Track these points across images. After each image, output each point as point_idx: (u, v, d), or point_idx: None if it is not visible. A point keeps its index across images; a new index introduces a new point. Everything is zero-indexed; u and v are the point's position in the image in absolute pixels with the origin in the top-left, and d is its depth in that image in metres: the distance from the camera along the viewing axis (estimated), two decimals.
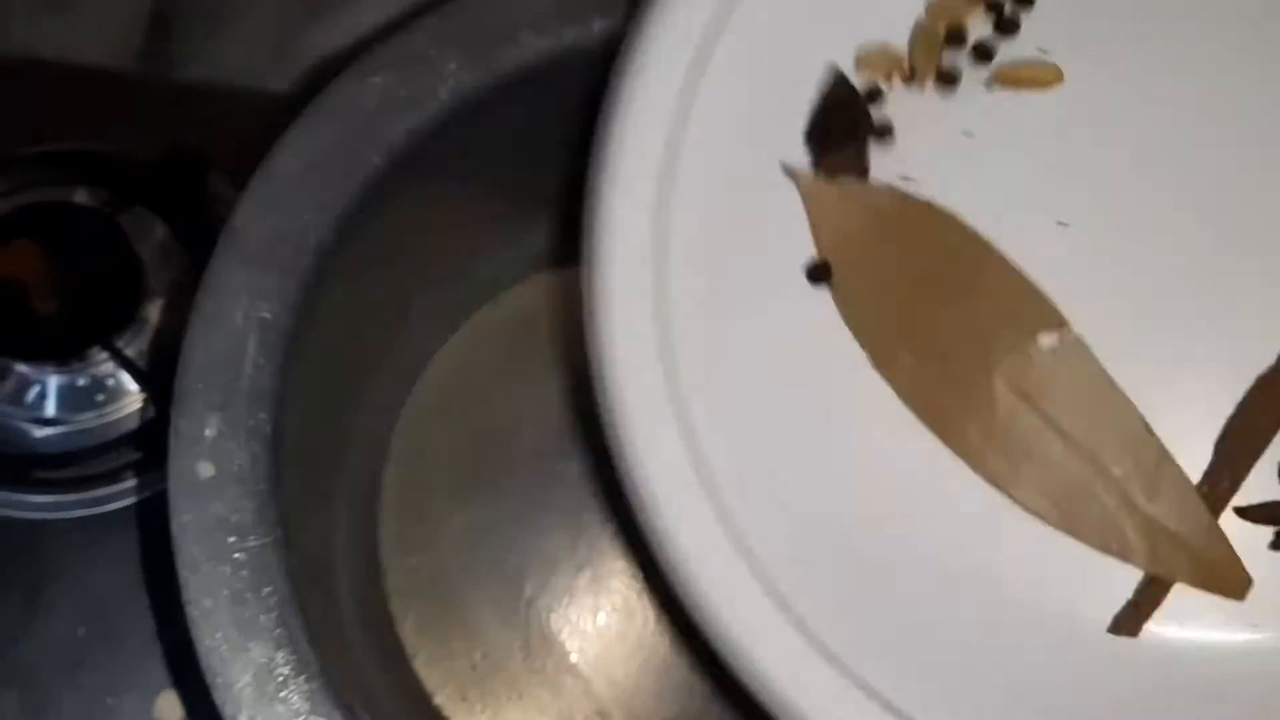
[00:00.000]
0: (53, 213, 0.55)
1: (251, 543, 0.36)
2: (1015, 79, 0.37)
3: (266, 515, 0.36)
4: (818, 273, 0.36)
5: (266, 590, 0.36)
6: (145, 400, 0.54)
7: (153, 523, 0.52)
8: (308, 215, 0.39)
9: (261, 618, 0.35)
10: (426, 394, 0.52)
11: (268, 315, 0.38)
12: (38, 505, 0.52)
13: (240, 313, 0.38)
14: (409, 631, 0.50)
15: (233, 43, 0.62)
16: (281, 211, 0.39)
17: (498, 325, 0.53)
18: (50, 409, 0.54)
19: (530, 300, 0.53)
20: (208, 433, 0.36)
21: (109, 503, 0.53)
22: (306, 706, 0.35)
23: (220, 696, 0.34)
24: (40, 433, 0.54)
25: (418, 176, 0.41)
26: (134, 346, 0.54)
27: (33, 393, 0.53)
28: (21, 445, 0.53)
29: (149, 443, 0.53)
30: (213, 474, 0.36)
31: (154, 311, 0.55)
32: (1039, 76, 0.37)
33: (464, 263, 0.50)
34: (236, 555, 0.36)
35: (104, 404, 0.54)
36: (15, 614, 0.51)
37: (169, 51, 0.62)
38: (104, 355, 0.53)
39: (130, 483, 0.53)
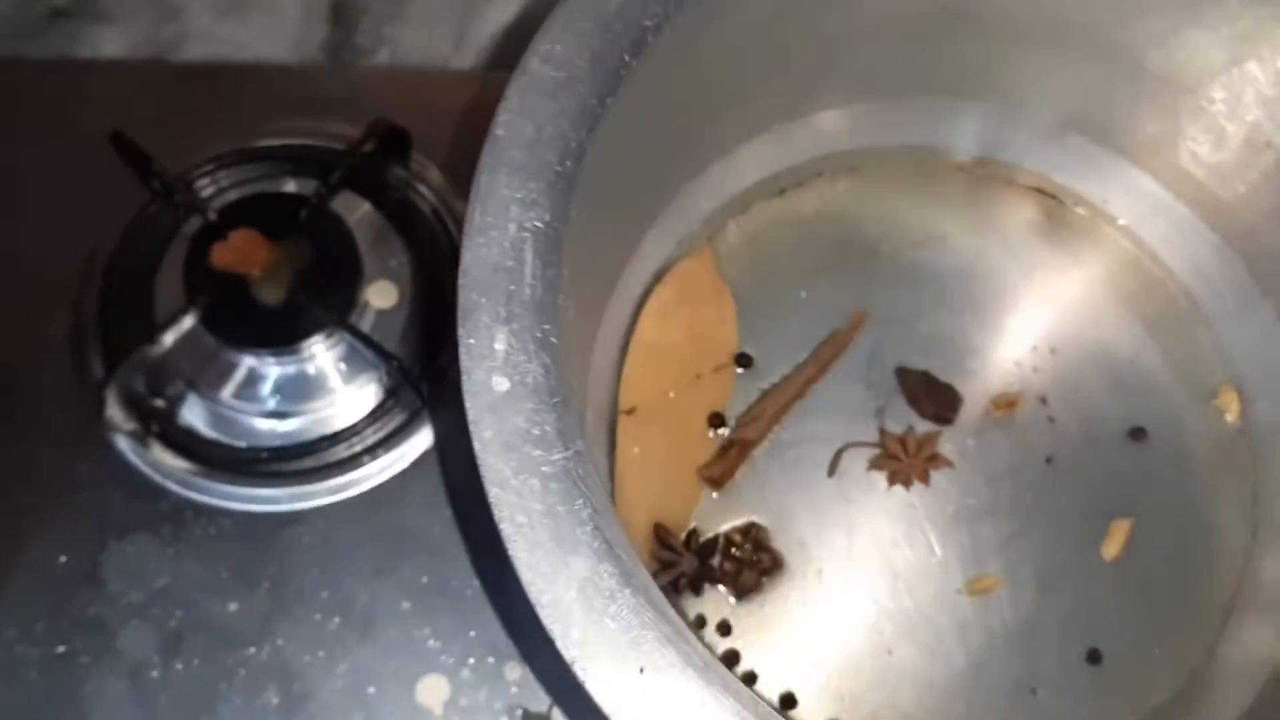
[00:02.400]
0: (269, 203, 0.54)
1: (556, 456, 0.33)
2: None
3: (567, 427, 0.34)
4: None
5: (579, 503, 0.33)
6: (380, 380, 0.52)
7: (408, 495, 0.51)
8: (567, 119, 0.37)
9: (578, 531, 0.33)
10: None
11: (540, 224, 0.36)
12: (277, 498, 0.51)
13: (513, 224, 0.36)
14: None
15: (413, 27, 0.62)
16: (542, 117, 0.37)
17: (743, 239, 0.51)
18: (281, 401, 0.52)
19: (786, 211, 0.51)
20: (498, 346, 0.34)
21: (348, 489, 0.52)
22: (637, 621, 0.32)
23: (547, 615, 0.32)
24: (273, 426, 0.53)
25: (669, 71, 0.39)
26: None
27: (263, 386, 0.52)
28: (255, 439, 0.52)
29: (396, 416, 0.52)
30: (508, 388, 0.34)
31: (373, 294, 0.54)
32: None
33: (712, 169, 0.48)
34: (544, 469, 0.33)
35: (332, 391, 0.53)
36: (266, 608, 0.50)
37: (353, 42, 0.61)
38: (329, 343, 0.52)
39: (368, 468, 0.52)
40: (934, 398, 0.49)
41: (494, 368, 0.34)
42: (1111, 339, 0.51)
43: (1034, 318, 0.51)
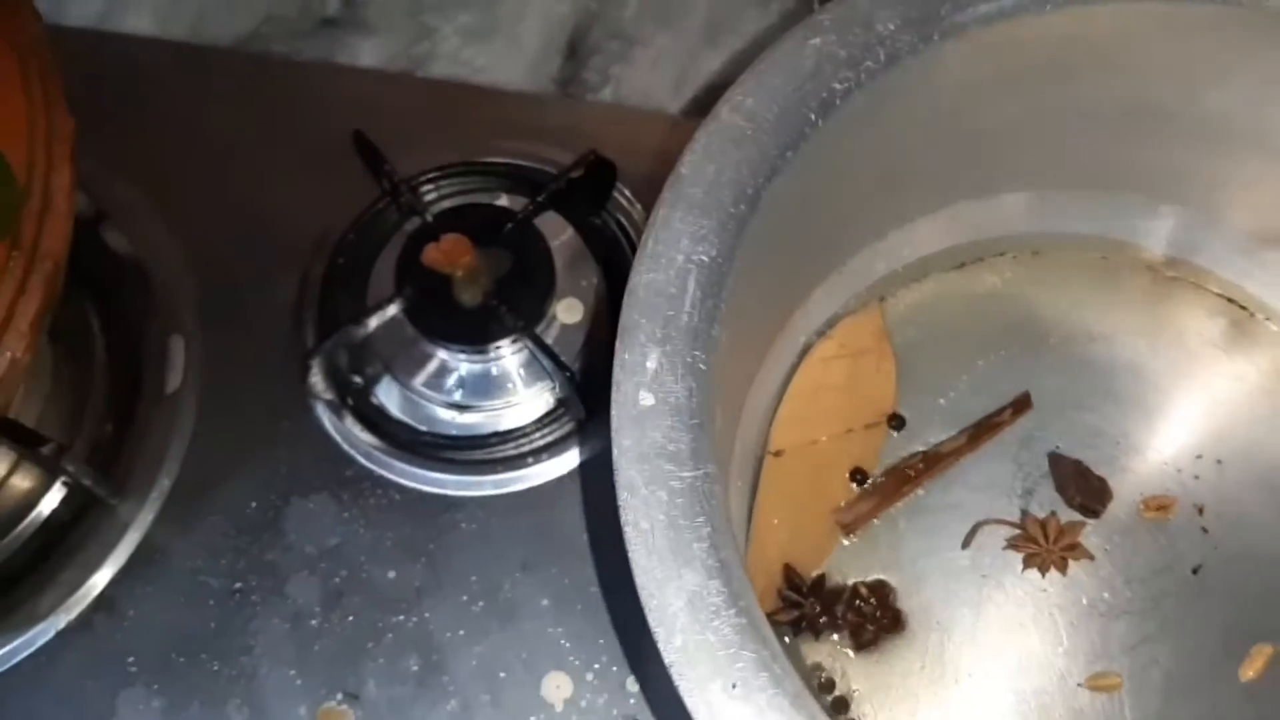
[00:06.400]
0: (480, 214, 0.59)
1: (686, 473, 0.36)
2: None
3: (700, 449, 0.36)
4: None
5: (699, 520, 0.35)
6: (554, 389, 0.56)
7: (562, 500, 0.54)
8: (746, 166, 0.40)
9: (695, 545, 0.35)
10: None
11: (705, 258, 0.38)
12: (446, 483, 0.55)
13: (682, 255, 0.38)
14: None
15: (638, 69, 0.66)
16: (723, 162, 0.40)
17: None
18: (463, 395, 0.57)
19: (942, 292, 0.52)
20: (649, 364, 0.37)
21: (510, 485, 0.55)
22: (737, 640, 0.34)
23: (654, 619, 0.34)
24: (453, 416, 0.57)
25: (853, 137, 0.41)
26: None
27: (450, 379, 0.57)
28: (436, 426, 0.57)
29: (564, 424, 0.56)
30: (652, 403, 0.36)
31: (561, 310, 0.58)
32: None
33: (890, 235, 0.49)
34: (673, 483, 0.36)
35: (510, 393, 0.57)
36: (421, 580, 0.53)
37: (582, 76, 0.66)
38: (514, 348, 0.56)
39: (531, 469, 0.55)
40: (1083, 488, 0.49)
41: (642, 383, 0.37)
42: None
43: (1204, 427, 0.50)
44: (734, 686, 0.33)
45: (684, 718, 0.34)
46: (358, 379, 0.57)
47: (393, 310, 0.56)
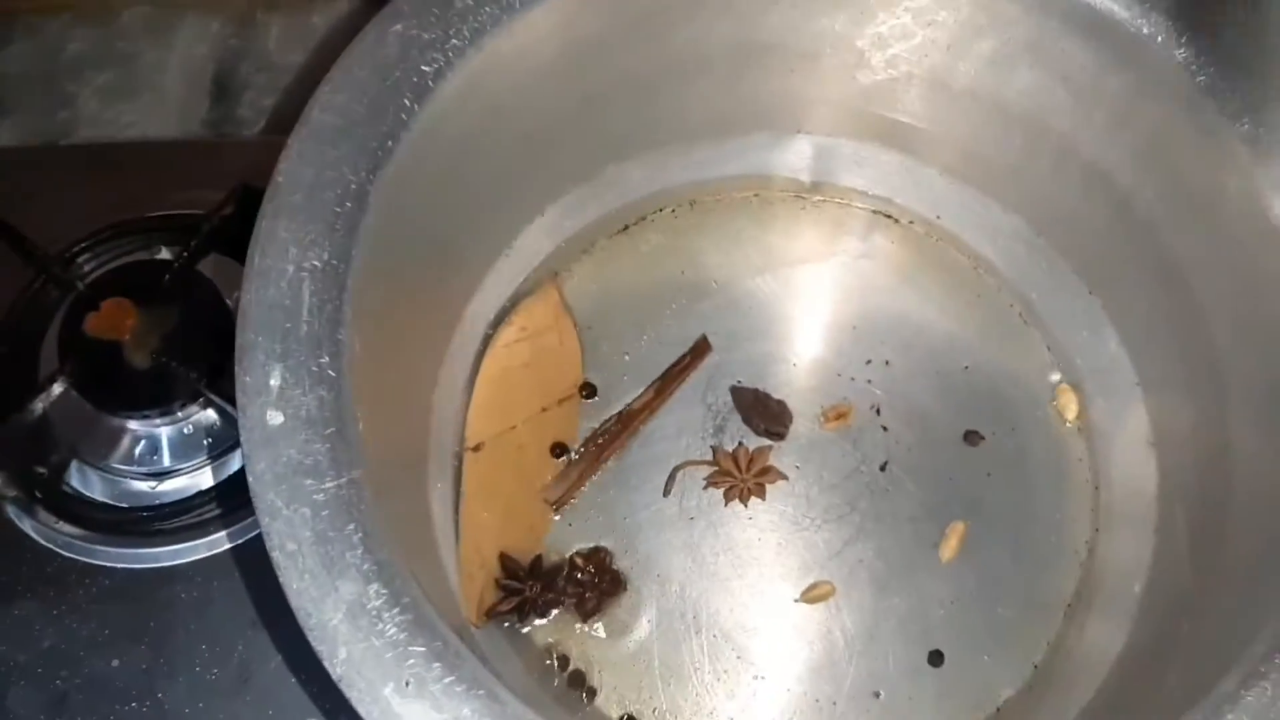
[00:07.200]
0: (139, 271, 0.56)
1: (329, 484, 0.35)
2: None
3: (341, 456, 0.35)
4: None
5: (350, 528, 0.34)
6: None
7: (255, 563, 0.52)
8: (346, 164, 0.39)
9: (348, 555, 0.34)
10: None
11: (318, 264, 0.37)
12: (159, 556, 0.53)
13: (291, 265, 0.37)
14: None
15: (291, 97, 0.65)
16: (321, 163, 0.39)
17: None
18: (165, 460, 0.54)
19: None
20: (273, 382, 0.36)
21: (225, 544, 0.53)
22: (404, 638, 0.33)
23: (314, 638, 0.33)
24: (157, 485, 0.54)
25: (461, 116, 0.41)
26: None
27: (145, 447, 0.54)
28: (138, 500, 0.54)
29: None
30: (281, 421, 0.35)
31: None
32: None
33: (549, 211, 0.49)
34: (316, 497, 0.35)
35: (211, 448, 0.54)
36: (148, 662, 0.51)
37: (235, 115, 0.64)
38: (199, 404, 0.54)
39: (244, 524, 0.53)
40: (765, 414, 0.50)
41: (268, 403, 0.35)
42: (946, 348, 0.52)
43: (868, 332, 0.52)
44: (407, 685, 0.33)
45: None
46: (41, 469, 0.54)
47: (58, 390, 0.53)
